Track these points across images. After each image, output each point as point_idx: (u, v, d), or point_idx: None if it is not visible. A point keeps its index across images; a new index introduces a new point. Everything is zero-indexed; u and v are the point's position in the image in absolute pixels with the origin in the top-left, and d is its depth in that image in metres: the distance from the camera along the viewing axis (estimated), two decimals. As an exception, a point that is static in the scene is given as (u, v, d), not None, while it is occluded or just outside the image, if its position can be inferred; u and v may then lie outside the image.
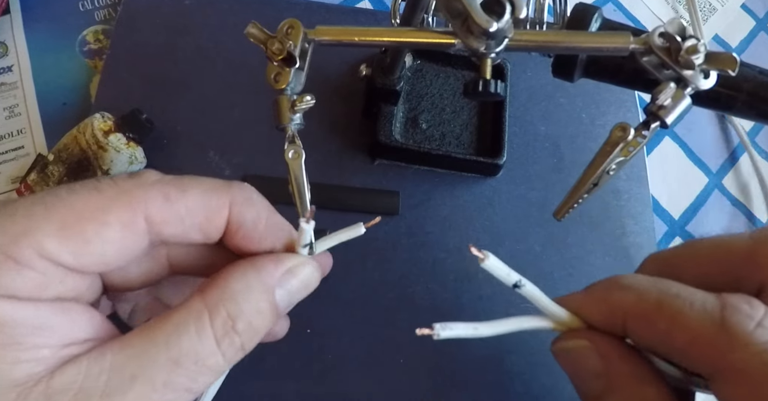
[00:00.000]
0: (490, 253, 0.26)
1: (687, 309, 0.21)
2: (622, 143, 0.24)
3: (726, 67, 0.23)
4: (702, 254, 0.25)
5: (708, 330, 0.20)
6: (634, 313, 0.23)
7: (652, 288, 0.23)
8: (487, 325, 0.26)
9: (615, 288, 0.24)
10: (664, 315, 0.22)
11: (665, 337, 0.22)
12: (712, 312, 0.21)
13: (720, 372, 0.20)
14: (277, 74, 0.26)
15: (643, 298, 0.23)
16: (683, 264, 0.26)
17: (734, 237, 0.25)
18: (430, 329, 0.25)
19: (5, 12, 0.47)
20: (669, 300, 0.22)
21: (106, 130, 0.39)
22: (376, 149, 0.45)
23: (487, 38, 0.23)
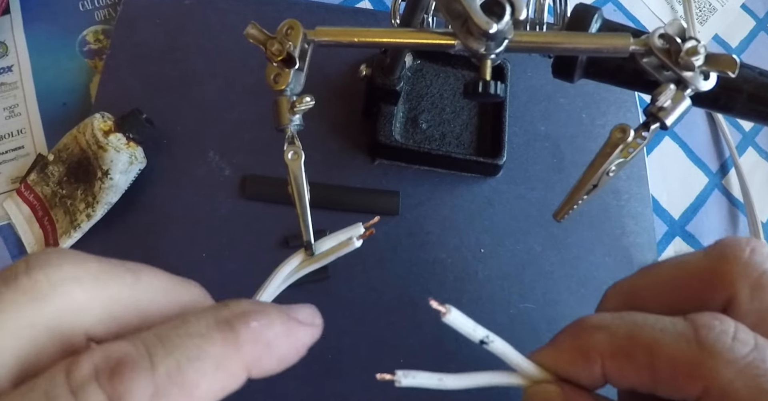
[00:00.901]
0: (453, 307, 0.24)
1: (661, 336, 0.21)
2: (621, 144, 0.24)
3: (726, 69, 0.23)
4: (661, 280, 0.25)
5: (688, 354, 0.20)
6: (610, 353, 0.22)
7: (620, 323, 0.22)
8: (454, 378, 0.25)
9: (583, 332, 0.23)
10: (640, 347, 0.21)
11: (648, 370, 0.21)
12: (686, 334, 0.20)
13: (708, 394, 0.20)
14: (277, 75, 0.26)
15: (614, 336, 0.22)
16: (645, 292, 0.25)
17: (690, 258, 0.24)
18: (391, 375, 0.24)
19: (5, 12, 0.47)
20: (640, 331, 0.22)
21: (106, 130, 0.39)
22: (376, 149, 0.45)
23: (487, 39, 0.23)
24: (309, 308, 0.23)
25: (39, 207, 0.41)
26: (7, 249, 0.41)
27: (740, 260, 0.22)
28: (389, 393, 0.40)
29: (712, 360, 0.19)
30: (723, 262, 0.23)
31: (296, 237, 0.41)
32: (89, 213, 0.39)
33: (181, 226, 0.42)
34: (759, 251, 0.23)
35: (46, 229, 0.40)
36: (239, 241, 0.42)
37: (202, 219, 0.42)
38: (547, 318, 0.43)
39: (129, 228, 0.41)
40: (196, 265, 0.41)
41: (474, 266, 0.44)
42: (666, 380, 0.21)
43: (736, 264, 0.22)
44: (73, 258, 0.19)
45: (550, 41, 0.25)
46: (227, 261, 0.41)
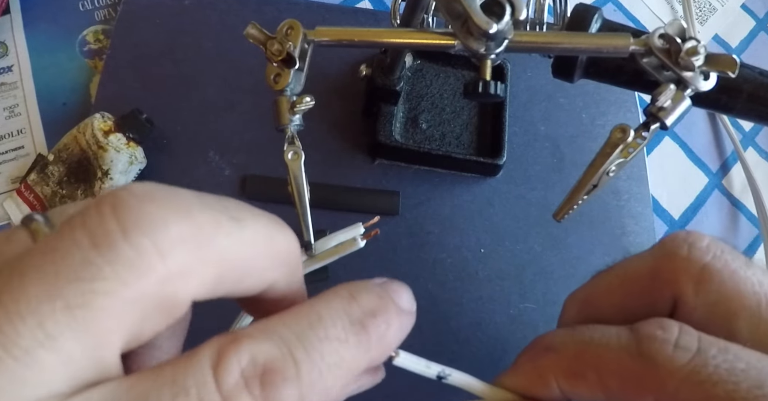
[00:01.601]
0: (401, 350, 0.24)
1: (605, 353, 0.21)
2: (621, 145, 0.24)
3: (726, 69, 0.23)
4: (612, 285, 0.25)
5: (632, 368, 0.20)
6: (562, 374, 0.22)
7: (569, 340, 0.23)
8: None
9: (537, 354, 0.24)
10: (588, 366, 0.21)
11: (599, 386, 0.21)
12: (628, 347, 0.20)
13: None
14: (277, 75, 0.26)
15: (563, 356, 0.22)
16: (599, 299, 0.26)
17: (636, 260, 0.25)
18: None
19: (5, 12, 0.47)
20: (586, 349, 0.22)
21: (106, 130, 0.39)
22: (376, 149, 0.45)
23: (487, 39, 0.23)
24: (406, 290, 0.23)
25: (39, 207, 0.41)
26: (7, 249, 0.41)
27: (680, 257, 0.22)
28: (389, 392, 0.40)
29: (655, 372, 0.19)
30: (665, 261, 0.23)
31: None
32: (89, 213, 0.39)
33: (181, 226, 0.42)
34: (697, 245, 0.23)
35: (46, 229, 0.40)
36: (239, 241, 0.42)
37: (202, 219, 0.42)
38: (547, 318, 0.43)
39: (129, 228, 0.41)
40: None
41: (474, 266, 0.44)
42: (618, 394, 0.21)
43: (677, 261, 0.22)
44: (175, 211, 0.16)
45: (550, 41, 0.25)
46: (227, 261, 0.41)
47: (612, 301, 0.25)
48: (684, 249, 0.23)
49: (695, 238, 0.23)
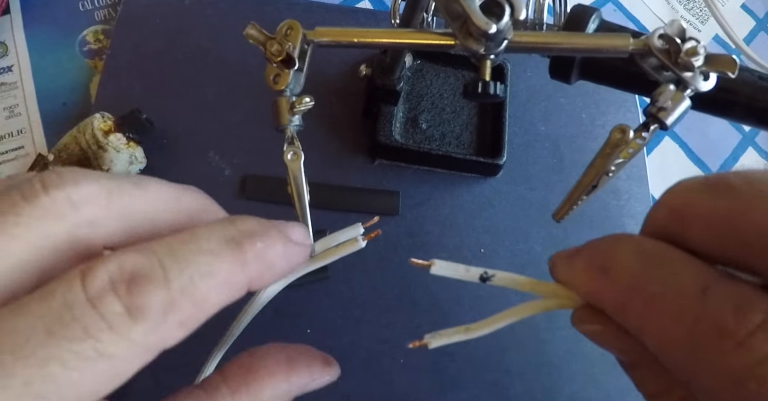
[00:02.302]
0: (436, 259, 0.25)
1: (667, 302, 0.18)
2: (621, 145, 0.24)
3: (726, 69, 0.23)
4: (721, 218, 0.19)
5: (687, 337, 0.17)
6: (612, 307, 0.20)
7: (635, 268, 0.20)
8: (479, 324, 0.25)
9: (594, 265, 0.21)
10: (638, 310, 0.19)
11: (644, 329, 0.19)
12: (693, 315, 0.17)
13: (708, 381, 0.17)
14: (276, 75, 0.26)
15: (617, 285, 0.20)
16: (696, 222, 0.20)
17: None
18: (420, 340, 0.25)
19: (5, 12, 0.47)
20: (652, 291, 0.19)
21: (106, 130, 0.39)
22: (376, 149, 0.45)
23: (487, 40, 0.23)
24: (301, 227, 0.25)
25: (39, 207, 0.41)
26: (7, 249, 0.41)
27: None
28: (390, 391, 0.40)
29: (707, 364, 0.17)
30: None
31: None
32: (89, 213, 0.39)
33: (181, 226, 0.42)
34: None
35: (46, 229, 0.40)
36: (239, 241, 0.42)
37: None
38: (547, 318, 0.43)
39: (129, 228, 0.41)
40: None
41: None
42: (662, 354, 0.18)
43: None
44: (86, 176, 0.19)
45: (550, 41, 0.25)
46: (227, 261, 0.41)
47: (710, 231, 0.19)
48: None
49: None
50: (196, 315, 0.19)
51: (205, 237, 0.20)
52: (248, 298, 0.30)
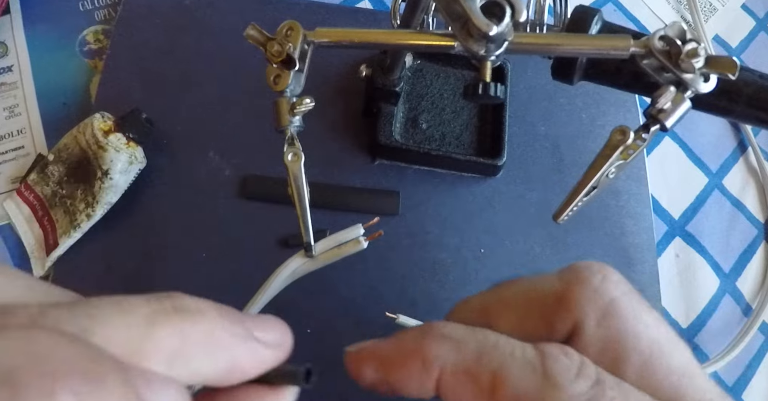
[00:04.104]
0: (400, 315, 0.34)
1: (509, 360, 0.20)
2: (621, 146, 0.24)
3: (726, 71, 0.23)
4: (513, 300, 0.24)
5: (533, 383, 0.19)
6: (452, 369, 0.21)
7: (470, 338, 0.21)
8: None
9: (429, 337, 0.22)
10: (486, 369, 0.20)
11: (488, 395, 0.20)
12: (533, 362, 0.20)
13: None
14: (277, 76, 0.26)
15: (461, 350, 0.21)
16: (495, 310, 0.24)
17: (544, 280, 0.24)
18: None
19: (5, 12, 0.47)
20: (489, 351, 0.20)
21: (106, 130, 0.39)
22: (376, 149, 0.45)
23: (487, 41, 0.23)
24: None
25: (39, 207, 0.41)
26: (7, 249, 0.41)
27: (590, 285, 0.22)
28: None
29: (555, 393, 0.19)
30: (573, 286, 0.22)
31: (296, 237, 0.41)
32: (89, 213, 0.39)
33: (181, 226, 0.42)
34: (609, 278, 0.23)
35: (46, 229, 0.40)
36: (239, 241, 0.42)
37: (202, 219, 0.42)
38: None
39: (129, 228, 0.41)
40: (196, 265, 0.41)
41: (474, 266, 0.44)
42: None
43: (586, 290, 0.22)
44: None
45: (551, 43, 0.25)
46: (227, 261, 0.41)
47: (508, 315, 0.24)
48: (597, 280, 0.22)
49: (608, 271, 0.23)
50: None
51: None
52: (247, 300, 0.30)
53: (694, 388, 0.21)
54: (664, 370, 0.21)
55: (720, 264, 0.50)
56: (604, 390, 0.19)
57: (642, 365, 0.21)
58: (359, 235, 0.30)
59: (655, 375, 0.21)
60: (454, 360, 0.21)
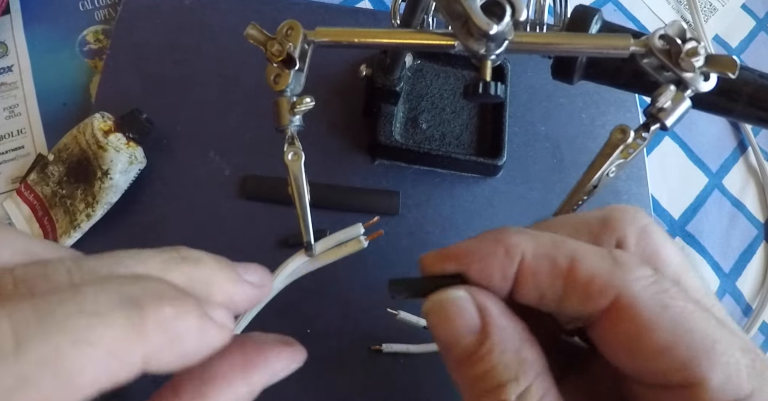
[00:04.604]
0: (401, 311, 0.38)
1: (581, 248, 0.22)
2: (621, 145, 0.24)
3: (726, 70, 0.23)
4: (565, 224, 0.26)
5: (605, 265, 0.21)
6: (533, 252, 0.22)
7: (544, 233, 0.23)
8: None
9: (507, 233, 0.23)
10: (562, 253, 0.22)
11: (564, 277, 0.22)
12: (602, 251, 0.22)
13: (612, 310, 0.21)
14: (277, 75, 0.26)
15: (538, 240, 0.23)
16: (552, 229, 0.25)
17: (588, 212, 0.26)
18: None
19: (5, 12, 0.47)
20: (563, 241, 0.23)
21: (106, 130, 0.39)
22: (376, 149, 0.45)
23: (487, 40, 0.23)
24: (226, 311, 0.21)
25: (39, 207, 0.41)
26: (7, 249, 0.41)
27: (629, 211, 0.25)
28: (389, 393, 0.40)
29: (624, 274, 0.21)
30: (615, 211, 0.25)
31: (296, 237, 0.41)
32: (89, 213, 0.39)
33: (181, 226, 0.42)
34: (641, 212, 0.25)
35: (46, 229, 0.40)
36: (239, 241, 0.42)
37: (202, 219, 0.42)
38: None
39: (129, 228, 0.41)
40: (196, 265, 0.41)
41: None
42: (580, 288, 0.21)
43: (626, 213, 0.25)
44: None
45: (551, 42, 0.25)
46: (227, 261, 0.41)
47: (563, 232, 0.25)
48: (631, 211, 0.25)
49: (638, 209, 0.26)
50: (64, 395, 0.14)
51: (91, 295, 0.16)
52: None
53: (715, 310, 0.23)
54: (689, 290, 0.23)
55: (720, 264, 0.50)
56: (663, 278, 0.21)
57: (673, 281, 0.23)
58: (359, 235, 0.30)
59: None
60: (534, 246, 0.22)
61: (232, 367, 0.21)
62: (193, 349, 0.18)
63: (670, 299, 0.20)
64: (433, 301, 0.24)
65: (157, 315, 0.16)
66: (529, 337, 0.23)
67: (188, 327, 0.18)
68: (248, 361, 0.22)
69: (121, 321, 0.16)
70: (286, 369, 0.24)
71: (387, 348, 0.40)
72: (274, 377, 0.23)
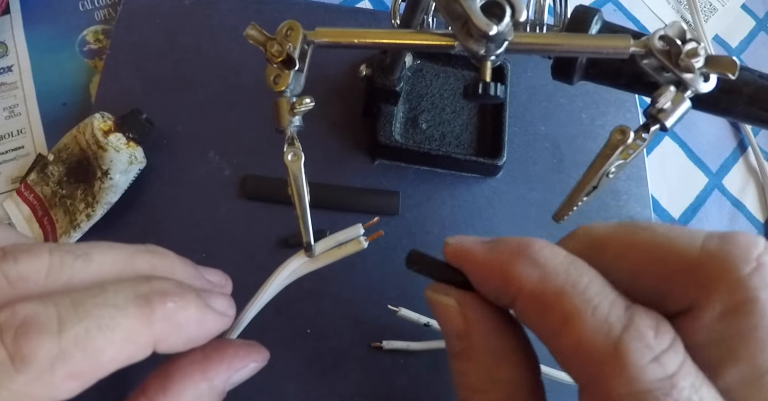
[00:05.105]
0: (402, 307, 0.38)
1: (587, 312, 0.18)
2: (621, 146, 0.24)
3: (726, 71, 0.23)
4: (641, 247, 0.21)
5: (598, 347, 0.18)
6: (529, 294, 0.20)
7: (562, 271, 0.20)
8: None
9: (522, 257, 0.21)
10: (560, 309, 0.19)
11: (552, 332, 0.19)
12: (612, 326, 0.18)
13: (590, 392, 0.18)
14: (277, 76, 0.26)
15: (546, 281, 0.20)
16: (615, 250, 0.21)
17: (684, 239, 0.20)
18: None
19: (5, 12, 0.47)
20: (573, 293, 0.19)
21: (106, 130, 0.39)
22: (376, 149, 0.45)
23: (487, 41, 0.23)
24: (226, 299, 0.25)
25: (39, 207, 0.41)
26: (8, 249, 0.41)
27: (736, 270, 0.18)
28: (390, 391, 0.40)
29: (615, 368, 0.17)
30: (715, 262, 0.19)
31: (296, 237, 0.41)
32: (89, 213, 0.39)
33: (181, 226, 0.42)
34: (764, 272, 0.18)
35: (45, 229, 0.40)
36: (239, 241, 0.42)
37: (202, 219, 0.42)
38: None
39: (129, 228, 0.41)
40: (196, 265, 0.41)
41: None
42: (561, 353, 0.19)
43: (728, 273, 0.18)
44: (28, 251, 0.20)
45: (551, 42, 0.25)
46: (227, 261, 0.41)
47: (627, 261, 0.21)
48: (747, 267, 0.18)
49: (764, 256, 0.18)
50: (91, 368, 0.18)
51: (112, 292, 0.20)
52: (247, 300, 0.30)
53: None
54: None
55: (720, 264, 0.50)
56: (673, 387, 0.17)
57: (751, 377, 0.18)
58: (359, 235, 0.30)
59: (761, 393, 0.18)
60: (534, 288, 0.20)
61: (192, 363, 0.24)
62: (194, 333, 0.22)
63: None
64: (429, 296, 0.25)
65: (163, 308, 0.20)
66: (512, 356, 0.22)
67: (188, 317, 0.21)
68: (206, 357, 0.24)
69: (134, 312, 0.19)
70: (247, 367, 0.26)
71: (387, 345, 0.39)
72: (234, 374, 0.25)
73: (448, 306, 0.23)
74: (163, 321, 0.20)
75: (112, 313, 0.19)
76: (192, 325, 0.22)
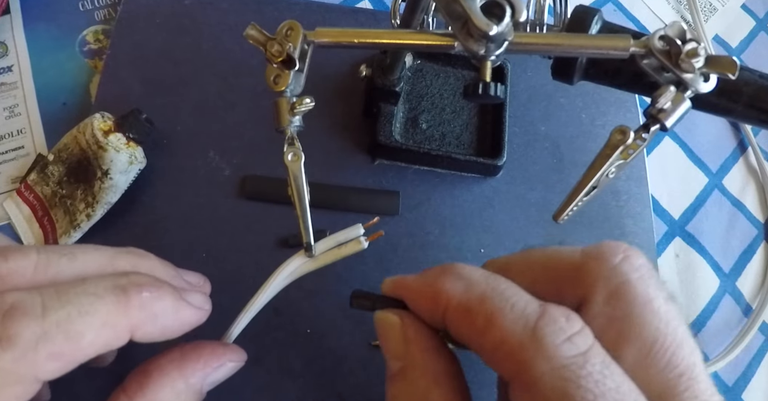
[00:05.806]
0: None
1: (507, 309, 0.21)
2: (621, 146, 0.24)
3: (726, 71, 0.23)
4: (534, 262, 0.26)
5: (518, 335, 0.20)
6: (456, 304, 0.23)
7: (483, 281, 0.23)
8: None
9: (447, 274, 0.24)
10: (483, 310, 0.22)
11: (478, 332, 0.22)
12: (528, 317, 0.21)
13: (518, 380, 0.20)
14: (277, 76, 0.26)
15: (469, 290, 0.23)
16: (515, 270, 0.26)
17: (569, 251, 0.25)
18: None
19: (5, 12, 0.47)
20: (493, 296, 0.22)
21: (106, 130, 0.39)
22: (376, 149, 0.45)
23: (487, 41, 0.23)
24: (202, 295, 0.26)
25: (39, 207, 0.41)
26: (8, 249, 0.41)
27: (607, 263, 0.23)
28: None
29: (534, 350, 0.20)
30: (591, 261, 0.23)
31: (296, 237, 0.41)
32: (89, 213, 0.39)
33: (181, 226, 0.42)
34: (630, 260, 0.23)
35: (45, 229, 0.40)
36: (239, 241, 0.42)
37: (202, 219, 0.42)
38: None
39: (129, 228, 0.41)
40: (196, 265, 0.41)
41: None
42: (489, 351, 0.22)
43: (602, 266, 0.23)
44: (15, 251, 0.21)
45: (551, 43, 0.25)
46: (227, 261, 0.41)
47: (527, 277, 0.25)
48: (616, 259, 0.23)
49: (632, 253, 0.23)
50: (71, 350, 0.20)
51: (93, 283, 0.21)
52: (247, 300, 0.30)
53: (691, 390, 0.21)
54: (663, 364, 0.21)
55: (720, 264, 0.50)
56: (586, 362, 0.20)
57: (641, 353, 0.21)
58: (359, 235, 0.30)
59: (653, 367, 0.21)
60: (460, 298, 0.23)
61: (170, 361, 0.25)
62: (170, 323, 0.24)
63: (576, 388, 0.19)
64: (377, 316, 0.27)
65: (138, 297, 0.22)
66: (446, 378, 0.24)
67: (164, 307, 0.23)
68: (183, 356, 0.25)
69: (112, 299, 0.21)
70: (224, 366, 0.26)
71: None
72: (212, 373, 0.26)
73: (392, 325, 0.25)
74: (139, 309, 0.22)
75: (92, 300, 0.20)
76: (168, 315, 0.23)
